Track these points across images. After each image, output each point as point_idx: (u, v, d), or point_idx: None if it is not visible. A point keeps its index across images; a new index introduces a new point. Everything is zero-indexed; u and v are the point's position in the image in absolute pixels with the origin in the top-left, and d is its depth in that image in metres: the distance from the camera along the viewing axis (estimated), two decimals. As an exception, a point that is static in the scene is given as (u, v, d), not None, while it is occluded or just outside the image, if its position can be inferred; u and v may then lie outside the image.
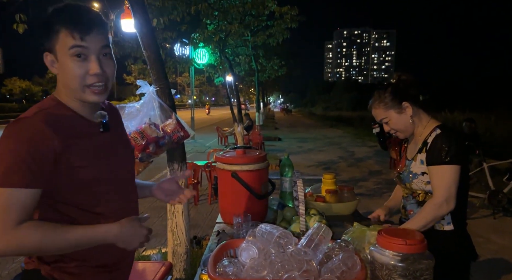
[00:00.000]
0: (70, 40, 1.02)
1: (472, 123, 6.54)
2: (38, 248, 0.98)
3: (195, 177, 5.86)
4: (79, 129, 1.09)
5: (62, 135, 1.01)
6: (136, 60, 7.29)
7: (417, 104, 1.67)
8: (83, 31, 1.02)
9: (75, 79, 1.05)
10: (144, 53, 2.55)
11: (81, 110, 1.12)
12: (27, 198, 0.96)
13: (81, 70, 1.05)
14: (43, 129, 0.98)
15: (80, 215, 1.08)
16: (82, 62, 1.05)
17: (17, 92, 45.51)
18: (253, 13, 7.74)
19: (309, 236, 1.21)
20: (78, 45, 1.03)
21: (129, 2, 2.52)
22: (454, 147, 1.53)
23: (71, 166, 1.03)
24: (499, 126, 13.15)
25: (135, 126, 2.48)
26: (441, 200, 1.53)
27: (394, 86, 1.67)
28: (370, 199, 6.08)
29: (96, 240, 1.05)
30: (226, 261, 1.16)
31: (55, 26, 1.03)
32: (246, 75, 15.90)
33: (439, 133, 1.58)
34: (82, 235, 1.02)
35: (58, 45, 1.04)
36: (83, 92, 1.07)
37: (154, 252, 3.74)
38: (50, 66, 1.09)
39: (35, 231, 0.96)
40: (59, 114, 1.06)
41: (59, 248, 1.01)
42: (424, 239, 1.14)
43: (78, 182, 1.05)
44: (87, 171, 1.06)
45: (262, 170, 1.99)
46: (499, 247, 4.17)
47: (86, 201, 1.08)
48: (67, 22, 1.03)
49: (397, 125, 1.68)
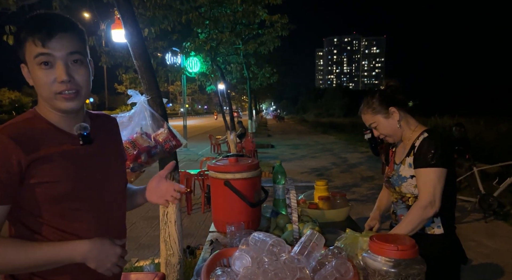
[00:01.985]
0: (34, 48, 0.99)
1: (462, 128, 6.63)
2: (1, 265, 0.94)
3: (188, 186, 5.84)
4: (51, 143, 1.03)
5: (29, 149, 0.97)
6: (127, 69, 7.28)
7: (404, 109, 1.71)
8: (43, 38, 0.98)
9: (45, 88, 1.02)
10: (135, 63, 2.55)
11: (60, 123, 1.08)
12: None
13: (48, 78, 1.01)
14: (7, 143, 0.95)
15: (51, 232, 1.02)
16: (49, 70, 1.01)
17: (6, 103, 45.05)
18: (244, 21, 7.80)
19: (302, 243, 1.21)
20: (42, 53, 0.99)
21: (119, 13, 2.53)
22: (440, 150, 1.56)
23: (40, 181, 0.99)
24: (488, 131, 13.33)
25: (126, 136, 2.47)
26: (426, 202, 1.55)
27: (382, 92, 1.73)
28: (363, 205, 6.10)
29: (62, 258, 0.99)
30: (219, 270, 1.15)
31: (21, 35, 1.01)
32: (238, 83, 15.97)
33: (426, 137, 1.61)
34: (47, 253, 0.97)
35: (26, 55, 1.02)
36: (55, 100, 1.03)
37: (146, 263, 3.70)
38: (27, 78, 1.06)
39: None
40: (31, 128, 1.02)
41: (22, 266, 0.97)
42: (416, 244, 1.16)
43: (47, 198, 1.00)
44: (57, 186, 1.01)
45: (255, 178, 1.99)
46: (491, 250, 4.20)
47: (57, 217, 1.03)
48: (31, 30, 0.99)
49: (385, 130, 1.72)
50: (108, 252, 1.04)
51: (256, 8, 7.41)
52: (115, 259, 1.05)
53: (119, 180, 1.22)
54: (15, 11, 3.91)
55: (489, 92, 39.77)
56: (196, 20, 6.64)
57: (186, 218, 5.44)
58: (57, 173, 1.01)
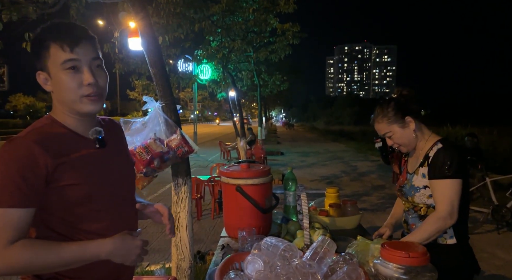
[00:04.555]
0: (61, 54, 1.05)
1: (474, 138, 6.56)
2: (30, 267, 0.98)
3: (198, 192, 5.87)
4: (72, 147, 1.09)
5: (53, 153, 1.02)
6: (140, 76, 7.40)
7: (419, 118, 1.70)
8: (72, 44, 1.04)
9: (71, 92, 1.07)
10: (150, 70, 2.61)
11: (76, 127, 1.13)
12: (18, 218, 0.97)
13: (75, 82, 1.07)
14: (34, 148, 0.99)
15: (74, 233, 1.08)
16: (76, 74, 1.07)
17: (21, 108, 45.89)
18: (256, 30, 7.88)
19: (314, 249, 1.23)
20: (70, 59, 1.05)
21: (136, 21, 2.59)
22: (456, 161, 1.55)
23: (63, 184, 1.03)
24: (502, 141, 13.13)
25: (140, 141, 2.52)
26: (444, 213, 1.54)
27: (397, 101, 1.70)
28: (374, 214, 6.06)
29: (89, 257, 1.04)
30: (232, 274, 1.18)
31: (45, 42, 1.05)
32: (249, 90, 16.02)
33: (441, 148, 1.60)
34: (75, 252, 1.02)
35: (49, 61, 1.06)
36: (80, 103, 1.09)
37: (158, 267, 3.73)
38: (44, 84, 1.10)
39: (27, 250, 0.96)
40: (52, 133, 1.07)
41: (51, 266, 1.01)
42: (427, 251, 1.17)
43: (71, 200, 1.05)
44: (79, 188, 1.06)
45: (266, 184, 2.02)
46: (504, 262, 4.13)
47: (79, 219, 1.08)
48: (56, 37, 1.05)
49: (401, 139, 1.70)
50: (130, 246, 1.11)
51: (268, 17, 7.50)
52: (138, 251, 1.12)
53: (130, 181, 1.28)
54: (34, 19, 4.03)
55: (502, 101, 39.21)
56: (208, 28, 6.74)
57: (196, 223, 5.47)
58: (79, 176, 1.06)
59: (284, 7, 7.32)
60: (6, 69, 19.11)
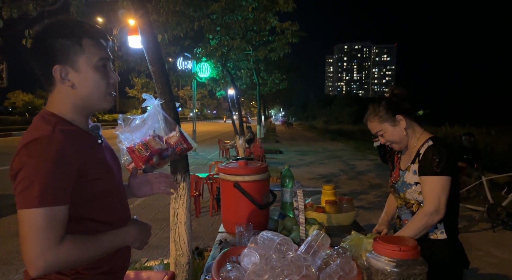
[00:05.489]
0: (98, 52, 1.09)
1: (472, 138, 6.61)
2: (81, 259, 1.02)
3: (197, 189, 5.90)
4: (87, 143, 1.12)
5: (79, 150, 1.05)
6: (139, 74, 7.42)
7: (410, 117, 1.74)
8: (107, 44, 1.10)
9: (100, 89, 1.11)
10: (150, 68, 2.63)
11: (82, 124, 1.14)
12: (62, 214, 1.00)
13: (105, 79, 1.12)
14: (65, 146, 1.00)
15: (93, 226, 1.11)
16: (106, 73, 1.12)
17: (20, 105, 45.80)
18: (255, 28, 7.91)
19: (308, 243, 1.26)
20: (105, 57, 1.10)
21: (136, 19, 2.62)
22: (444, 159, 1.59)
23: (88, 179, 1.06)
24: (499, 141, 13.18)
25: (139, 138, 2.54)
26: (431, 209, 1.58)
27: (388, 100, 1.75)
28: (371, 212, 6.10)
29: (118, 244, 1.13)
30: (229, 266, 1.21)
31: (80, 38, 1.06)
32: (248, 88, 16.08)
33: (431, 145, 1.65)
34: (109, 241, 1.09)
35: (83, 57, 1.07)
36: (104, 100, 1.13)
37: (156, 263, 3.77)
38: (62, 79, 1.07)
39: (76, 244, 1.00)
40: (69, 130, 1.08)
41: (94, 256, 1.05)
42: (418, 245, 1.20)
43: (92, 195, 1.09)
44: (100, 183, 1.10)
45: (264, 181, 2.05)
46: (499, 260, 4.18)
47: (99, 212, 1.12)
48: (93, 34, 1.08)
49: (392, 137, 1.75)
50: (145, 231, 1.23)
51: (267, 15, 7.53)
52: (150, 234, 1.27)
53: (121, 172, 1.32)
54: (34, 16, 4.05)
55: (501, 101, 39.30)
56: (208, 27, 6.77)
57: (194, 220, 5.51)
58: (98, 171, 1.10)
59: (284, 6, 7.35)
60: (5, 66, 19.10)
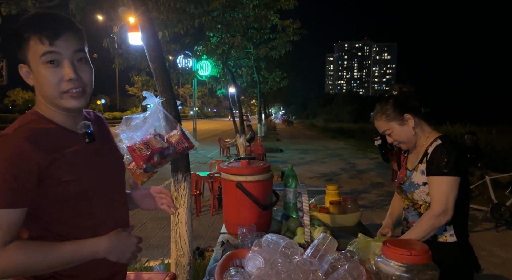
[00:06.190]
0: (40, 47, 0.98)
1: (474, 136, 6.56)
2: (27, 269, 0.95)
3: (198, 188, 5.87)
4: (63, 142, 1.04)
5: (45, 150, 0.98)
6: (140, 71, 7.36)
7: (418, 115, 1.69)
8: (51, 36, 0.98)
9: (51, 87, 1.01)
10: (150, 65, 2.59)
11: (64, 122, 1.08)
12: (11, 218, 0.93)
13: (55, 76, 1.01)
14: (24, 145, 0.94)
15: (69, 231, 1.04)
16: (56, 69, 1.01)
17: (20, 103, 45.78)
18: (256, 26, 7.85)
19: (315, 246, 1.22)
20: (48, 51, 0.99)
21: (136, 16, 2.57)
22: (453, 158, 1.54)
23: (58, 181, 0.99)
24: (500, 140, 13.13)
25: (140, 137, 2.50)
26: (438, 211, 1.54)
27: (396, 98, 1.69)
28: (373, 211, 6.06)
29: (85, 255, 1.02)
30: (233, 270, 1.17)
31: (24, 34, 0.99)
32: (248, 87, 16.01)
33: (440, 144, 1.60)
34: (71, 252, 0.99)
35: (29, 54, 1.00)
36: (60, 99, 1.03)
37: (156, 263, 3.73)
38: (26, 77, 1.05)
39: (22, 251, 0.93)
40: (41, 129, 1.01)
41: (48, 266, 0.98)
42: (429, 250, 1.16)
43: (66, 197, 1.02)
44: (74, 184, 1.02)
45: (267, 181, 2.01)
46: (503, 260, 4.14)
47: (74, 215, 1.05)
48: (35, 28, 0.98)
49: (400, 136, 1.70)
50: (125, 243, 1.10)
51: (268, 13, 7.47)
52: (134, 248, 1.12)
53: (121, 175, 1.25)
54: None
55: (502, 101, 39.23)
56: (208, 24, 6.71)
57: (195, 220, 5.47)
58: (73, 172, 1.03)
59: (285, 4, 7.29)
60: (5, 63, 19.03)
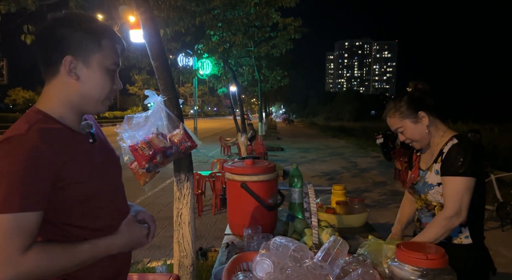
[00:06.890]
0: (114, 56, 1.09)
1: (477, 134, 6.50)
2: (49, 270, 0.94)
3: (199, 187, 5.83)
4: (71, 143, 1.03)
5: (58, 151, 0.97)
6: (140, 70, 7.32)
7: (433, 113, 1.63)
8: (122, 50, 1.13)
9: (104, 91, 1.09)
10: (152, 63, 2.54)
11: (71, 123, 1.07)
12: (30, 222, 0.91)
13: (111, 84, 1.10)
14: (39, 147, 0.92)
15: (78, 233, 1.04)
16: (114, 77, 1.11)
17: (20, 102, 45.75)
18: (257, 24, 7.81)
19: (326, 249, 1.17)
20: (118, 64, 1.11)
21: (138, 13, 2.53)
22: (469, 158, 1.49)
23: (69, 182, 0.98)
24: (503, 138, 13.09)
25: (142, 136, 2.46)
26: (452, 212, 1.49)
27: (410, 95, 1.63)
28: (376, 210, 6.01)
29: (101, 254, 1.04)
30: (241, 275, 1.13)
31: (101, 36, 1.06)
32: (249, 85, 15.98)
33: (456, 143, 1.55)
34: (88, 251, 1.00)
35: (98, 55, 1.05)
36: (101, 103, 1.11)
37: (159, 263, 3.69)
38: (70, 69, 1.02)
39: (44, 254, 0.92)
40: (51, 129, 1.00)
41: (67, 268, 0.97)
42: (445, 253, 1.11)
43: (76, 199, 1.01)
44: (84, 186, 1.02)
45: (272, 181, 1.97)
46: (508, 260, 4.10)
47: (85, 217, 1.05)
48: (114, 37, 1.09)
49: (413, 135, 1.64)
50: (138, 235, 1.14)
51: (269, 11, 7.42)
52: (145, 231, 1.17)
53: (120, 175, 1.25)
54: (33, 11, 3.96)
55: (503, 99, 39.17)
56: (209, 22, 6.67)
57: (197, 219, 5.41)
58: (83, 173, 1.02)
59: (286, 1, 7.24)
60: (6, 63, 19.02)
